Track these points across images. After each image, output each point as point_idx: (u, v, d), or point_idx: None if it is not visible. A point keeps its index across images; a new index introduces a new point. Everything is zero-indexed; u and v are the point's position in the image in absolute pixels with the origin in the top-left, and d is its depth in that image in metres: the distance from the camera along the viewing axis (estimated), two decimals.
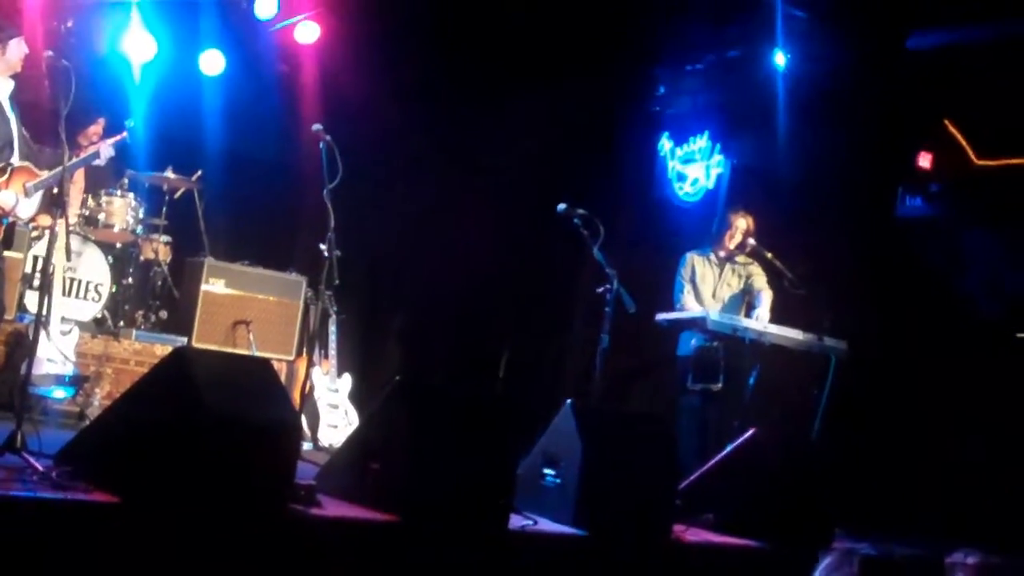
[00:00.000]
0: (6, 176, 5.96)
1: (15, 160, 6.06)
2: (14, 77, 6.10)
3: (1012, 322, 8.59)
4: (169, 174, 8.62)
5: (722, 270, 8.34)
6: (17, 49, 6.03)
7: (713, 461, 6.51)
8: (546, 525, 5.44)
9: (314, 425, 7.97)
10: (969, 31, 8.77)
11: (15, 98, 6.14)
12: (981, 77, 8.73)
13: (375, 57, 9.73)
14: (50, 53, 5.97)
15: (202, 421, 4.38)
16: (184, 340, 8.18)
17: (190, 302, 8.48)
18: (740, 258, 8.36)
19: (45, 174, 6.11)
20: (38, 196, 6.24)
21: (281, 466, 4.69)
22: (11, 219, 6.07)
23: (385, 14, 9.62)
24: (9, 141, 6.06)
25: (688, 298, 8.26)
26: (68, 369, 6.90)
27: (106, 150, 6.77)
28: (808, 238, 8.93)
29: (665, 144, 10.92)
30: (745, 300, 8.32)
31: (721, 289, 8.32)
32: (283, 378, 8.11)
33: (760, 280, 8.29)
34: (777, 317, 7.95)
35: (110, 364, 7.78)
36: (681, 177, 10.78)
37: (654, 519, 5.77)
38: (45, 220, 6.88)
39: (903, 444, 8.55)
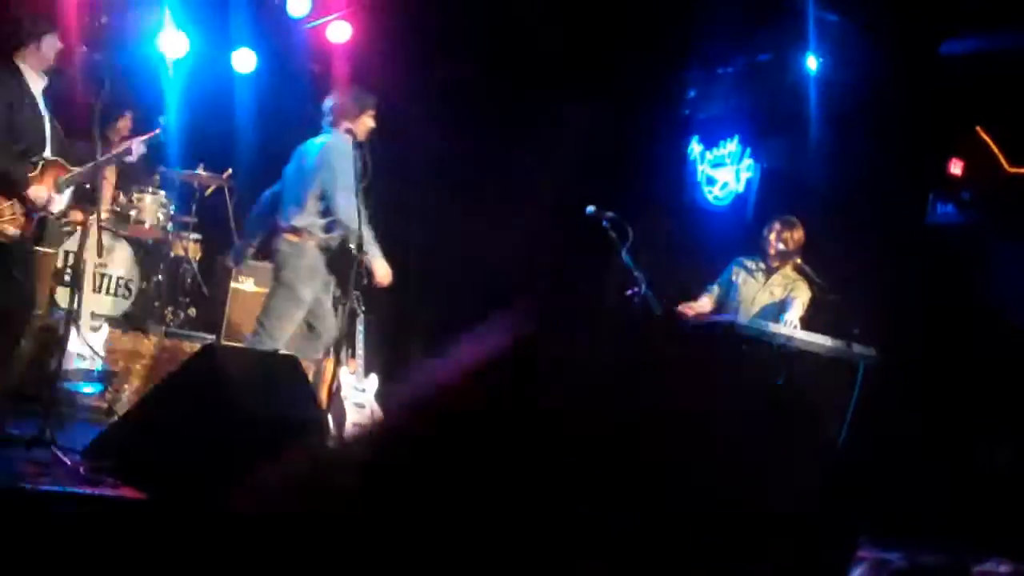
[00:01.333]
0: (37, 171, 5.99)
1: (47, 154, 6.09)
2: (48, 73, 6.13)
3: None
4: (200, 172, 8.66)
5: (768, 277, 8.28)
6: (51, 45, 6.06)
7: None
8: None
9: (340, 424, 7.98)
10: (1002, 38, 8.71)
11: (48, 94, 6.17)
12: (1014, 84, 8.67)
13: (407, 57, 9.75)
14: (84, 49, 6.02)
15: (229, 418, 4.40)
16: (213, 338, 8.21)
17: (219, 300, 8.52)
18: (787, 269, 8.31)
19: (76, 169, 6.14)
20: (69, 191, 6.26)
21: (307, 465, 4.70)
22: (43, 214, 6.09)
23: (417, 14, 9.64)
24: (41, 136, 6.08)
25: (705, 300, 8.18)
26: (97, 365, 6.94)
27: (138, 146, 6.79)
28: (838, 244, 8.89)
29: (695, 148, 10.90)
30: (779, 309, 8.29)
31: (761, 295, 8.27)
32: (310, 377, 8.12)
33: (804, 293, 8.18)
34: (806, 323, 7.91)
35: (139, 360, 7.81)
36: (711, 181, 10.75)
37: None
38: (76, 216, 6.91)
39: (932, 452, 8.50)
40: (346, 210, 6.89)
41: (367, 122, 7.43)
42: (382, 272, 7.34)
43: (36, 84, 6.08)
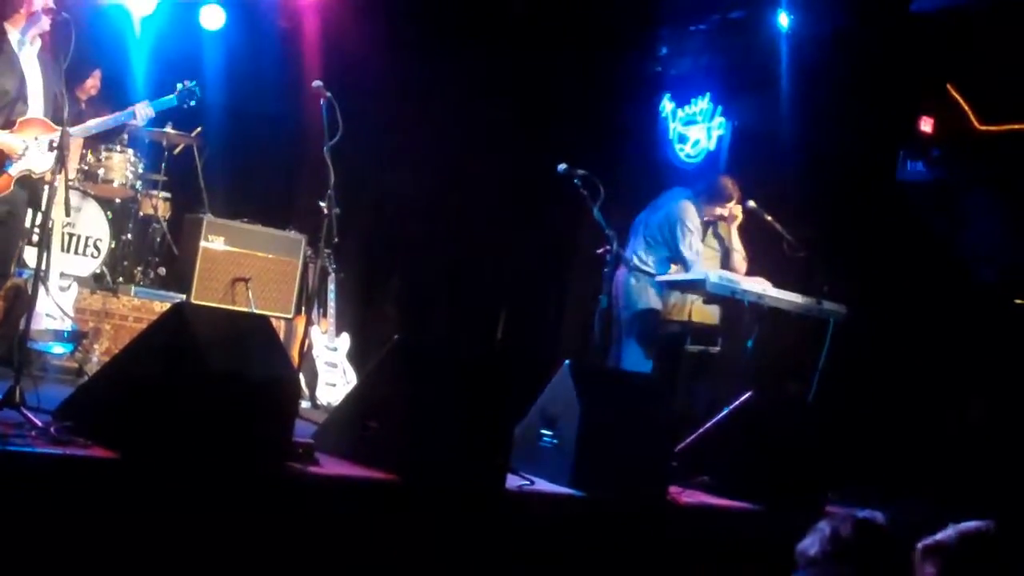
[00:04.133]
0: (16, 127, 5.92)
1: (30, 114, 6.01)
2: (42, 36, 6.05)
3: (1011, 287, 8.59)
4: (169, 130, 8.59)
5: (705, 232, 8.32)
6: (40, 5, 5.96)
7: (710, 423, 6.53)
8: (543, 486, 5.46)
9: (312, 384, 7.97)
10: None
11: (47, 55, 6.07)
12: (985, 41, 8.68)
13: (376, 14, 9.68)
14: (51, 5, 5.94)
15: (201, 377, 4.38)
16: (183, 297, 8.16)
17: (189, 259, 8.46)
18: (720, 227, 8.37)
19: (60, 128, 6.07)
20: (52, 152, 6.20)
21: (279, 424, 4.71)
22: (25, 173, 6.01)
23: None
24: (22, 96, 6.01)
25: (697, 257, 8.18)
26: (67, 325, 6.89)
27: (144, 110, 6.69)
28: (809, 201, 8.92)
29: (667, 105, 10.89)
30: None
31: (706, 252, 8.30)
32: (282, 336, 8.10)
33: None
34: (776, 280, 7.95)
35: (109, 320, 7.77)
36: (682, 139, 10.75)
37: (650, 480, 5.79)
38: (45, 175, 6.84)
39: (900, 408, 8.57)
40: None
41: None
42: None
43: (24, 47, 6.00)
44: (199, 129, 8.71)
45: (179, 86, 6.93)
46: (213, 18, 9.60)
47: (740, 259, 8.27)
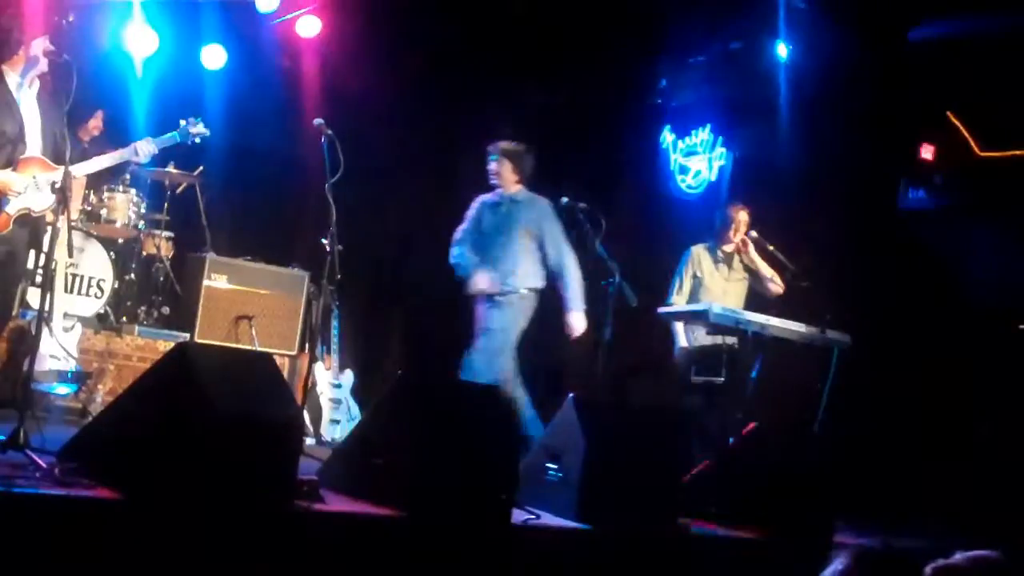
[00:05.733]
0: (14, 167, 5.94)
1: (28, 153, 6.03)
2: (41, 78, 6.07)
3: (1014, 313, 8.59)
4: (171, 169, 8.62)
5: (730, 267, 8.33)
6: (38, 48, 5.99)
7: (716, 454, 6.52)
8: (549, 519, 5.44)
9: (316, 420, 7.97)
10: (972, 22, 8.76)
11: (45, 97, 6.10)
12: (984, 69, 8.72)
13: (376, 51, 9.73)
14: (51, 48, 5.96)
15: (205, 417, 4.38)
16: (187, 336, 8.17)
17: (192, 298, 8.47)
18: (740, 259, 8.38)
19: (60, 167, 6.08)
20: (50, 190, 6.21)
21: (284, 462, 4.70)
22: (24, 211, 6.02)
23: (386, 7, 9.61)
24: (21, 138, 6.03)
25: (678, 298, 8.26)
26: (71, 365, 6.90)
27: (147, 147, 6.70)
28: (811, 230, 8.93)
29: (667, 137, 10.92)
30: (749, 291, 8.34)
31: (730, 286, 8.32)
32: (285, 373, 8.11)
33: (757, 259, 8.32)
34: (780, 310, 7.95)
35: (113, 360, 7.77)
36: (683, 170, 10.77)
37: (657, 512, 5.77)
38: (48, 216, 6.85)
39: (905, 436, 8.55)
40: None
41: None
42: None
43: (23, 89, 6.02)
44: (201, 168, 8.74)
45: (182, 123, 6.93)
46: (214, 58, 9.65)
47: (772, 285, 8.27)
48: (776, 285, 8.24)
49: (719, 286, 8.30)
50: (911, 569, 2.99)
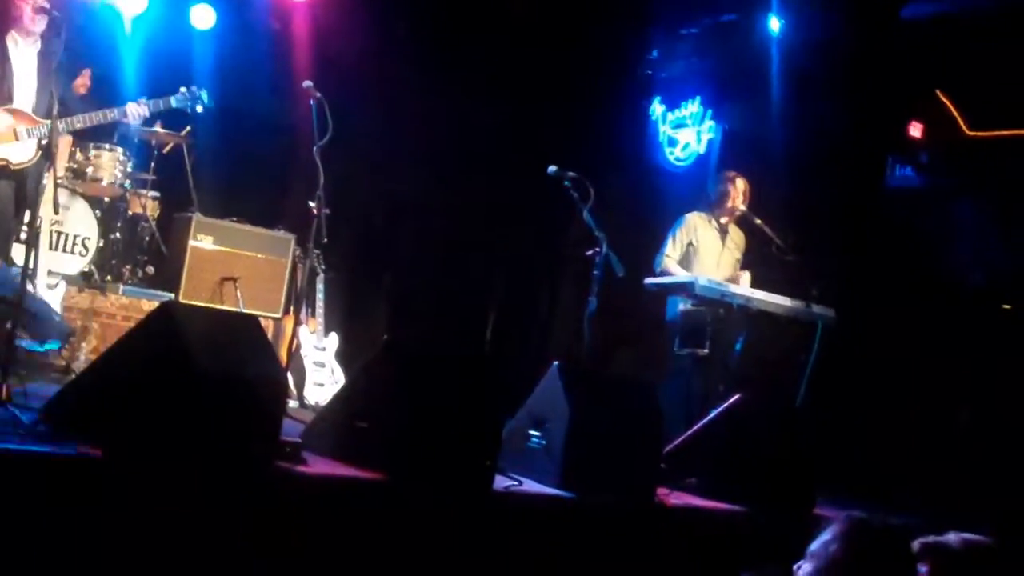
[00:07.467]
0: None
1: (15, 105, 5.99)
2: (43, 35, 6.05)
3: (998, 293, 8.62)
4: (158, 129, 8.58)
5: (724, 237, 8.32)
6: (35, 5, 5.97)
7: (698, 426, 6.53)
8: (531, 486, 5.46)
9: (300, 383, 7.96)
10: (963, 1, 8.75)
11: (47, 54, 6.07)
12: (974, 48, 8.71)
13: (366, 15, 9.67)
14: (43, 4, 5.93)
15: (188, 376, 4.37)
16: (171, 296, 8.15)
17: (178, 258, 8.44)
18: (735, 226, 8.37)
19: (45, 121, 6.05)
20: (32, 144, 6.19)
21: (267, 423, 4.70)
22: (2, 160, 5.98)
23: None
24: (9, 93, 6.00)
25: (669, 262, 8.22)
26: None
27: (137, 109, 6.66)
28: (798, 205, 8.94)
29: (657, 108, 10.91)
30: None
31: (723, 256, 8.31)
32: (270, 336, 8.09)
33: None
34: (765, 283, 7.96)
35: (97, 318, 7.75)
36: (672, 142, 10.77)
37: (638, 482, 5.79)
38: (24, 166, 6.81)
39: (887, 412, 8.59)
40: None
41: None
42: None
43: (19, 46, 5.99)
44: (188, 128, 8.70)
45: (183, 90, 6.90)
46: (204, 18, 9.58)
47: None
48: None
49: (712, 257, 8.29)
50: (901, 542, 3.00)
